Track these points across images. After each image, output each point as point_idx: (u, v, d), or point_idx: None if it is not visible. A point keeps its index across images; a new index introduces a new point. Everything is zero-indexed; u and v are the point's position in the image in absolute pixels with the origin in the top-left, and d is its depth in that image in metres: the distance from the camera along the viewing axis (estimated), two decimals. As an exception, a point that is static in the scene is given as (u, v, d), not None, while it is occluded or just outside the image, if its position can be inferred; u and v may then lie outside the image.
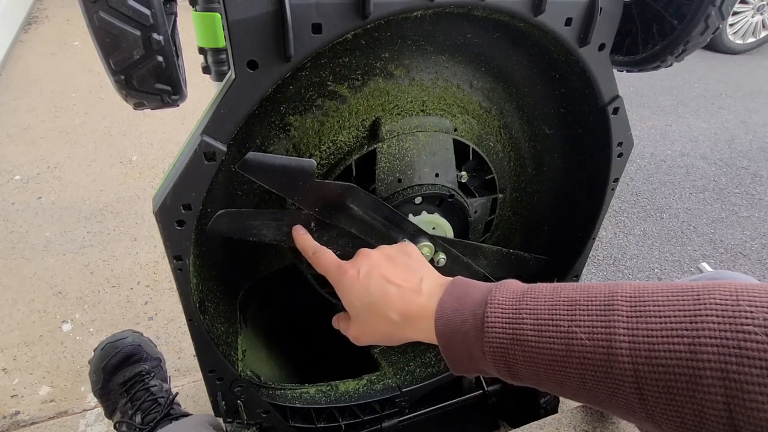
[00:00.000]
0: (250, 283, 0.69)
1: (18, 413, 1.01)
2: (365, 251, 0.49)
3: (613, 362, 0.31)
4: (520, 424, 0.80)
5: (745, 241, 1.64)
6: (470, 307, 0.39)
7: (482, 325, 0.37)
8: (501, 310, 0.37)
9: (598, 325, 0.32)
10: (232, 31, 0.39)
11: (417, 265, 0.47)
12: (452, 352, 0.40)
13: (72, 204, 1.59)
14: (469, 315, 0.39)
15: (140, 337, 0.92)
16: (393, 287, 0.44)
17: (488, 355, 0.37)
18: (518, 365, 0.36)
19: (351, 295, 0.46)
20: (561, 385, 0.35)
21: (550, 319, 0.35)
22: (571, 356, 0.33)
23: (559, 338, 0.34)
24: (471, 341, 0.38)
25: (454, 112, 0.59)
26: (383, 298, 0.44)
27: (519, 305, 0.37)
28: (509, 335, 0.36)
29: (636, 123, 2.38)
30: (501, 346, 0.36)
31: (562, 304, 0.35)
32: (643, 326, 0.31)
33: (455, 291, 0.42)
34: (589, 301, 0.34)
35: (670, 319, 0.30)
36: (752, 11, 3.16)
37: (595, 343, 0.32)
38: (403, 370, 0.76)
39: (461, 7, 0.47)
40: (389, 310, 0.43)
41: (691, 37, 0.52)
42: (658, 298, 0.31)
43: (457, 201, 0.58)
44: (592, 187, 0.66)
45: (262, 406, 0.64)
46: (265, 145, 0.55)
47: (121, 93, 0.43)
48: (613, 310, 0.32)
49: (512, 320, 0.36)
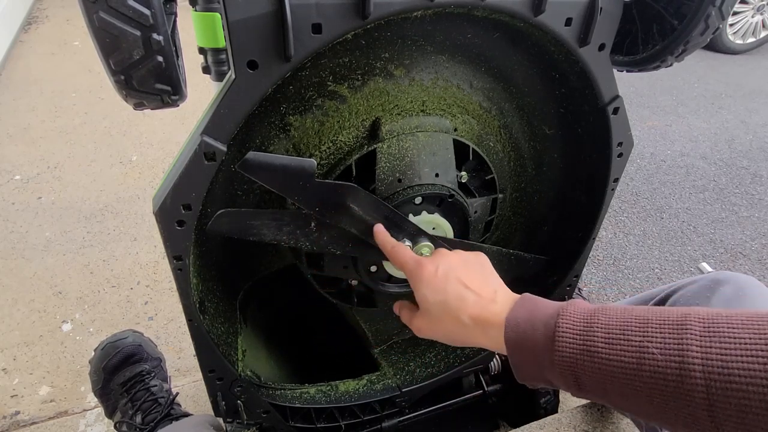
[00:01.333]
0: (250, 283, 0.69)
1: (18, 413, 1.01)
2: (443, 251, 0.52)
3: (685, 377, 0.32)
4: (520, 424, 0.81)
5: (745, 241, 1.64)
6: (542, 317, 0.41)
7: (553, 334, 0.39)
8: (572, 322, 0.39)
9: (670, 342, 0.34)
10: (232, 31, 0.39)
11: (491, 275, 0.50)
12: (520, 359, 0.42)
13: (72, 204, 1.59)
14: (541, 325, 0.40)
15: (141, 337, 0.92)
16: (469, 293, 0.46)
17: (557, 365, 0.38)
18: (585, 376, 0.37)
19: (426, 290, 0.48)
20: (627, 399, 0.36)
21: (621, 334, 0.36)
22: (641, 370, 0.34)
23: (630, 352, 0.35)
24: (540, 350, 0.40)
25: (454, 112, 0.59)
26: (459, 300, 0.46)
27: (590, 320, 0.39)
28: (579, 346, 0.38)
29: (636, 123, 2.38)
30: (571, 356, 0.38)
31: (634, 322, 0.36)
32: (716, 345, 0.32)
33: (526, 303, 0.44)
34: (661, 320, 0.35)
35: (745, 340, 0.31)
36: (752, 11, 3.16)
37: (667, 358, 0.33)
38: (403, 370, 0.76)
39: (461, 7, 0.47)
40: (462, 313, 0.46)
41: (691, 37, 0.52)
42: (732, 321, 0.33)
43: (457, 201, 0.58)
44: (592, 187, 0.66)
45: (262, 406, 0.64)
46: (265, 145, 0.55)
47: (121, 93, 0.43)
48: (686, 330, 0.34)
49: (583, 332, 0.38)
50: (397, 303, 0.57)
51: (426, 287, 0.48)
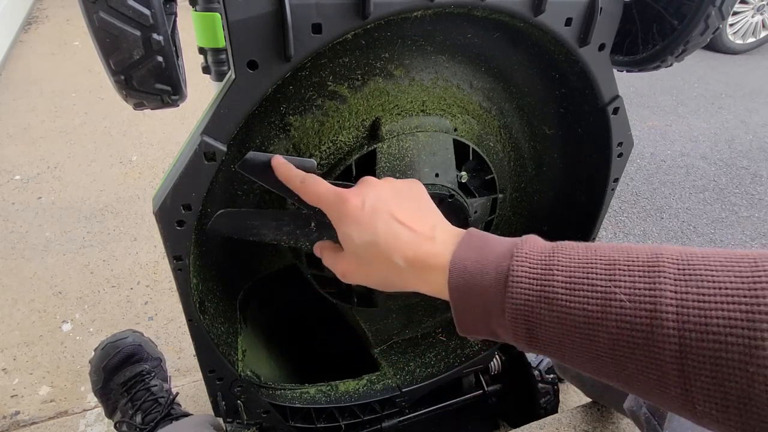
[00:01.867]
0: (250, 283, 0.69)
1: (18, 413, 1.01)
2: (370, 179, 0.45)
3: (656, 326, 0.28)
4: (520, 424, 0.81)
5: (745, 241, 1.63)
6: (492, 259, 0.35)
7: (506, 278, 0.34)
8: (529, 264, 0.34)
9: (641, 287, 0.30)
10: (232, 31, 0.39)
11: (428, 207, 0.44)
12: (465, 307, 0.37)
13: (72, 204, 1.59)
14: (491, 267, 0.35)
15: (141, 337, 0.92)
16: (404, 230, 0.40)
17: (508, 313, 0.34)
18: (541, 326, 0.33)
19: (351, 228, 0.41)
20: (585, 354, 0.32)
21: (584, 278, 0.32)
22: (607, 318, 0.30)
23: (594, 298, 0.31)
24: (490, 296, 0.35)
25: (454, 112, 0.59)
26: (391, 239, 0.40)
27: (549, 261, 0.34)
28: (536, 291, 0.33)
29: (636, 123, 2.38)
30: (526, 303, 0.33)
31: (600, 264, 0.32)
32: (693, 290, 0.28)
33: (473, 242, 0.38)
34: (630, 262, 0.31)
35: (725, 284, 0.27)
36: (752, 11, 3.16)
37: (637, 305, 0.29)
38: (403, 370, 0.76)
39: (461, 7, 0.47)
40: (395, 254, 0.40)
41: (691, 37, 0.52)
42: (710, 263, 0.29)
43: (457, 201, 0.58)
44: (592, 187, 0.66)
45: (262, 406, 0.64)
46: (265, 145, 0.55)
47: (121, 93, 0.43)
48: (658, 272, 0.30)
49: (541, 276, 0.33)
50: (318, 243, 0.50)
51: (351, 225, 0.41)
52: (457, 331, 0.38)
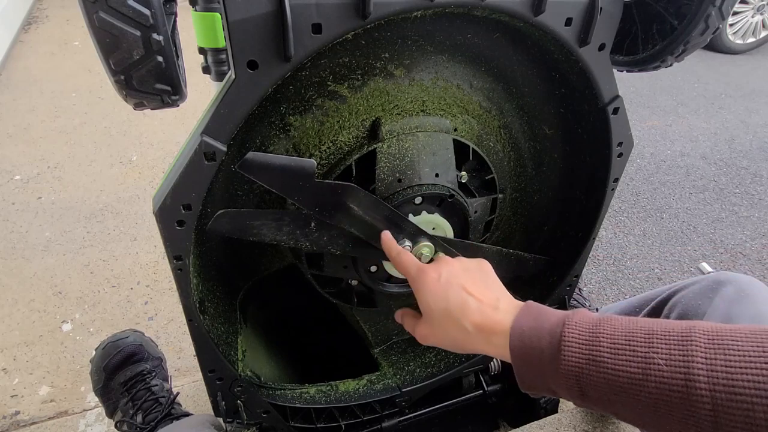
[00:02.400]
0: (250, 283, 0.69)
1: (18, 413, 1.01)
2: (446, 258, 0.52)
3: (691, 388, 0.32)
4: (520, 424, 0.81)
5: (745, 241, 1.63)
6: (547, 326, 0.41)
7: (559, 343, 0.39)
8: (578, 332, 0.39)
9: (675, 353, 0.34)
10: (232, 31, 0.39)
11: (494, 283, 0.50)
12: (525, 367, 0.41)
13: (72, 204, 1.59)
14: (546, 333, 0.40)
15: (141, 337, 0.92)
16: (472, 300, 0.46)
17: (561, 374, 0.38)
18: (590, 386, 0.37)
19: (429, 297, 0.48)
20: (631, 410, 0.36)
21: (627, 344, 0.36)
22: (647, 381, 0.34)
23: (635, 362, 0.35)
24: (546, 359, 0.39)
25: (454, 112, 0.59)
26: (461, 307, 0.46)
27: (596, 329, 0.38)
28: (585, 355, 0.37)
29: (636, 123, 2.38)
30: (576, 366, 0.38)
31: (639, 332, 0.37)
32: (721, 357, 0.32)
33: (531, 311, 0.43)
34: (666, 332, 0.36)
35: (749, 352, 0.31)
36: (752, 11, 3.16)
37: (673, 369, 0.33)
38: (403, 370, 0.76)
39: (461, 7, 0.47)
40: (465, 320, 0.45)
41: (691, 37, 0.52)
42: (736, 334, 0.33)
43: (457, 201, 0.58)
44: (592, 187, 0.66)
45: (262, 406, 0.64)
46: (265, 145, 0.55)
47: (121, 93, 0.43)
48: (691, 341, 0.34)
49: (589, 342, 0.38)
50: (399, 311, 0.57)
51: (428, 294, 0.48)
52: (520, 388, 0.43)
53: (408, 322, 0.54)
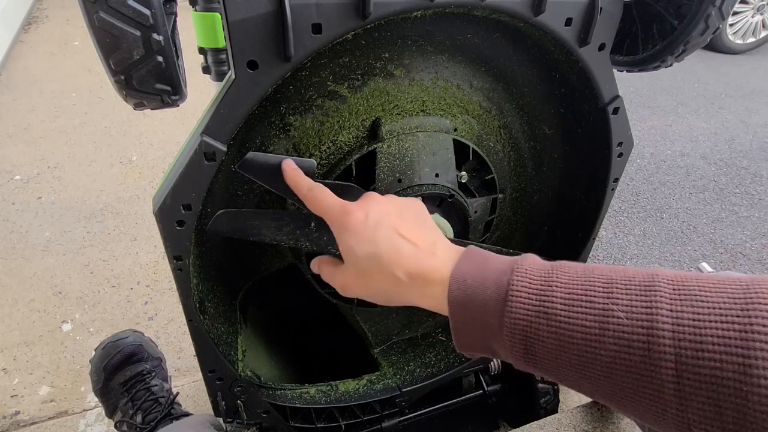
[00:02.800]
0: (250, 283, 0.69)
1: (18, 413, 1.01)
2: (374, 195, 0.46)
3: (653, 344, 0.29)
4: (520, 424, 0.80)
5: (745, 241, 1.63)
6: (493, 274, 0.36)
7: (506, 293, 0.34)
8: (528, 280, 0.34)
9: (638, 305, 0.30)
10: (232, 31, 0.39)
11: (430, 226, 0.45)
12: (464, 321, 0.37)
13: (72, 204, 1.59)
14: (491, 281, 0.35)
15: (141, 337, 0.92)
16: (406, 243, 0.41)
17: (507, 326, 0.34)
18: (539, 342, 0.33)
19: (354, 239, 0.42)
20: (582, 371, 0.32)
21: (583, 294, 0.32)
22: (604, 335, 0.30)
23: (593, 314, 0.31)
24: (489, 310, 0.35)
25: (454, 112, 0.59)
26: (393, 252, 0.40)
27: (549, 277, 0.34)
28: (536, 307, 0.33)
29: (636, 123, 2.38)
30: (525, 318, 0.33)
31: (598, 282, 0.33)
32: (688, 309, 0.28)
33: (474, 257, 0.38)
34: (627, 281, 0.32)
35: (719, 304, 0.28)
36: (752, 11, 3.16)
37: (634, 323, 0.30)
38: (403, 370, 0.76)
39: (461, 7, 0.47)
40: (396, 267, 0.40)
41: (691, 37, 0.52)
42: (704, 285, 0.30)
43: (457, 201, 0.58)
44: (592, 187, 0.66)
45: (262, 406, 0.64)
46: (265, 145, 0.55)
47: (121, 93, 0.43)
48: (654, 291, 0.30)
49: (540, 291, 0.34)
50: (315, 259, 0.50)
51: (353, 237, 0.42)
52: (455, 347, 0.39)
53: (326, 270, 0.47)
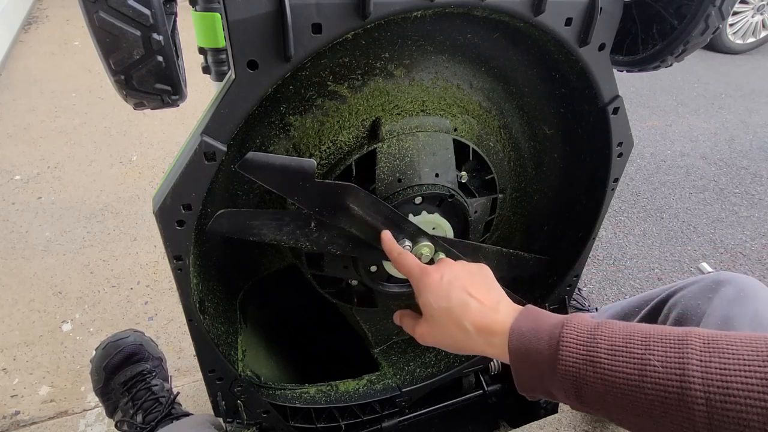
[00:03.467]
0: (250, 283, 0.69)
1: (18, 413, 1.01)
2: (447, 260, 0.53)
3: (686, 390, 0.33)
4: (520, 424, 0.81)
5: (745, 241, 1.63)
6: (546, 327, 0.42)
7: (557, 344, 0.40)
8: (576, 333, 0.40)
9: (671, 355, 0.35)
10: (232, 31, 0.39)
11: (494, 286, 0.51)
12: (522, 368, 0.42)
13: (72, 204, 1.59)
14: (545, 334, 0.41)
15: (141, 337, 0.93)
16: (473, 301, 0.47)
17: (559, 375, 0.39)
18: (587, 387, 0.38)
19: (431, 296, 0.49)
20: (626, 412, 0.36)
21: (624, 346, 0.37)
22: (643, 382, 0.35)
23: (632, 364, 0.36)
24: (543, 359, 0.40)
25: (454, 112, 0.59)
26: (462, 307, 0.47)
27: (594, 332, 0.39)
28: (582, 356, 0.38)
29: (636, 123, 2.38)
30: (573, 366, 0.38)
31: (637, 335, 0.38)
32: (716, 360, 0.33)
33: (530, 314, 0.45)
34: (663, 336, 0.36)
35: (743, 356, 0.32)
36: (752, 11, 3.15)
37: (668, 370, 0.34)
38: (403, 370, 0.76)
39: (461, 7, 0.47)
40: (466, 320, 0.46)
41: (691, 37, 0.52)
42: (731, 339, 0.34)
43: (457, 201, 0.58)
44: (592, 187, 0.66)
45: (262, 406, 0.64)
46: (265, 145, 0.55)
47: (121, 93, 0.43)
48: (686, 344, 0.35)
49: (587, 343, 0.39)
50: (398, 312, 0.58)
51: (430, 294, 0.49)
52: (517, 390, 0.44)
53: (407, 323, 0.55)
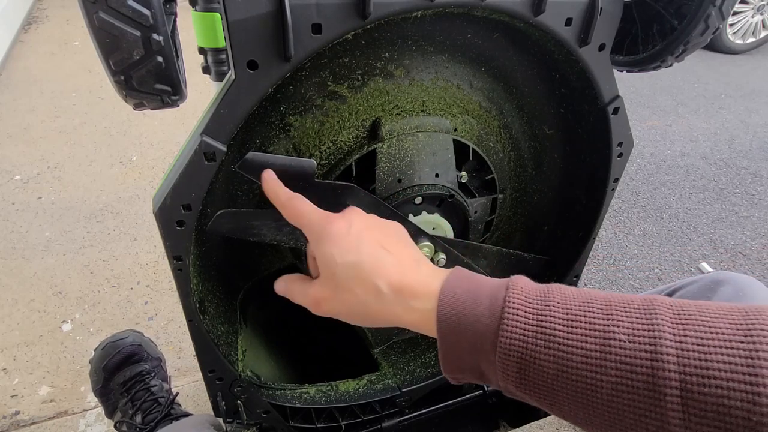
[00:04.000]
0: (250, 283, 0.69)
1: (18, 413, 1.01)
2: (356, 209, 0.44)
3: (657, 368, 0.27)
4: (520, 424, 0.81)
5: (745, 241, 1.63)
6: (486, 289, 0.34)
7: (501, 310, 0.32)
8: (525, 297, 0.32)
9: (639, 327, 0.29)
10: (232, 31, 0.39)
11: (412, 245, 0.43)
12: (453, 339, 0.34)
13: (72, 204, 1.59)
14: (485, 297, 0.33)
15: (141, 337, 0.93)
16: (389, 256, 0.38)
17: (501, 346, 0.31)
18: (535, 364, 0.31)
19: (334, 248, 0.39)
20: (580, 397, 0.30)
21: (582, 315, 0.30)
22: (606, 359, 0.29)
23: (593, 336, 0.29)
24: (482, 328, 0.32)
25: (454, 112, 0.59)
26: (375, 262, 0.38)
27: (545, 296, 0.32)
28: (532, 326, 0.31)
29: (636, 123, 2.38)
30: (521, 338, 0.31)
31: (596, 302, 0.31)
32: (692, 334, 0.27)
33: (464, 274, 0.36)
34: (625, 303, 0.30)
35: (722, 330, 0.27)
36: (752, 11, 3.16)
37: (637, 346, 0.28)
38: (403, 370, 0.76)
39: (461, 7, 0.46)
40: (379, 278, 0.37)
41: (691, 37, 0.52)
42: (703, 309, 0.29)
43: (457, 201, 0.58)
44: (592, 187, 0.66)
45: (262, 406, 0.64)
46: (265, 145, 0.55)
47: (121, 93, 0.43)
48: (655, 314, 0.29)
49: (538, 310, 0.31)
50: (282, 278, 0.46)
51: (334, 245, 0.39)
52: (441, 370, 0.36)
53: (296, 288, 0.44)
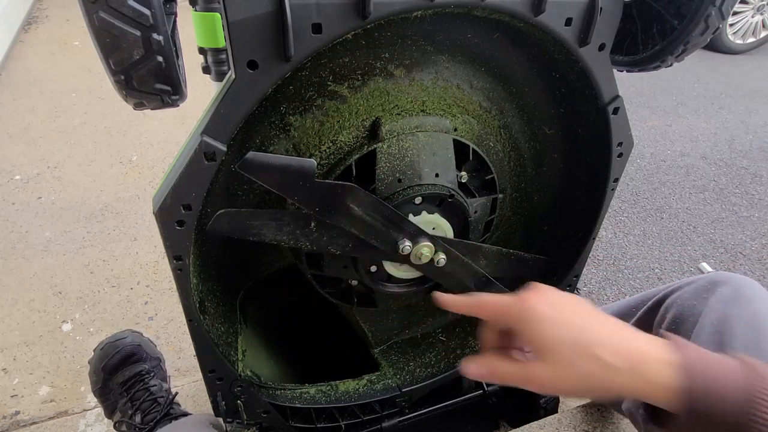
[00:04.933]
0: (250, 283, 0.69)
1: (18, 413, 1.01)
2: (537, 284, 0.42)
3: None
4: (520, 424, 0.80)
5: (745, 241, 1.63)
6: (733, 362, 0.32)
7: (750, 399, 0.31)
8: None
9: None
10: (232, 31, 0.39)
11: (599, 311, 0.40)
12: (700, 412, 0.32)
13: (72, 204, 1.59)
14: (733, 372, 0.32)
15: (140, 337, 0.93)
16: (605, 326, 0.36)
17: None
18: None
19: (549, 328, 0.37)
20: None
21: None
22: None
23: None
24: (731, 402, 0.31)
25: (454, 112, 0.59)
26: (591, 333, 0.36)
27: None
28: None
29: (636, 123, 2.38)
30: None
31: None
32: None
33: (689, 346, 0.34)
34: None
35: None
36: (752, 11, 3.15)
37: None
38: (403, 370, 0.76)
39: (461, 7, 0.46)
40: (602, 349, 0.35)
41: (691, 37, 0.52)
42: None
43: (457, 201, 0.58)
44: (592, 187, 0.66)
45: (262, 406, 0.64)
46: (265, 145, 0.55)
47: (121, 93, 0.43)
48: None
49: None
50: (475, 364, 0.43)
51: (547, 325, 0.37)
52: None
53: (511, 372, 0.40)
